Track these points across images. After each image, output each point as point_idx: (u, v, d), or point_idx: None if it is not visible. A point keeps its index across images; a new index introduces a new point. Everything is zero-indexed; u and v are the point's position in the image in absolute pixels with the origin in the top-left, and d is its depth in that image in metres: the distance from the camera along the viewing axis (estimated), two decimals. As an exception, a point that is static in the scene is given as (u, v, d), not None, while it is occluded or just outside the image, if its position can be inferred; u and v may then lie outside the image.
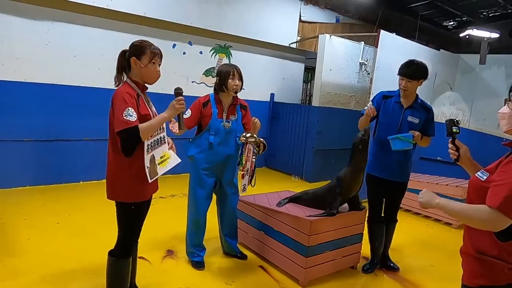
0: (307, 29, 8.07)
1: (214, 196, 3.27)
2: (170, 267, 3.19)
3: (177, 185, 4.53)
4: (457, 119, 1.84)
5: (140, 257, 2.89)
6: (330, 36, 6.56)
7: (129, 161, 2.14)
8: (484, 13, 9.41)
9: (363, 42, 6.99)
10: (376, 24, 8.32)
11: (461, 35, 8.76)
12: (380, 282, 3.32)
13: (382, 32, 5.10)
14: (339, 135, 6.62)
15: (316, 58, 6.72)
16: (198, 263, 3.17)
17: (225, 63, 3.39)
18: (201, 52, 6.47)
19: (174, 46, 6.11)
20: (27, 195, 4.65)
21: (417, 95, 3.22)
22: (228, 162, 3.11)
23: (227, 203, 3.25)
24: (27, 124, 4.88)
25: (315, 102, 6.74)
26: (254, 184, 3.03)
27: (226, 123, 3.04)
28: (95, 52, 5.28)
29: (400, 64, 3.18)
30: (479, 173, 1.54)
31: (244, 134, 2.97)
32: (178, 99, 2.20)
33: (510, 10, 8.82)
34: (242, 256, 3.40)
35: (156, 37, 5.48)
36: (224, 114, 3.05)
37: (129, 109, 2.05)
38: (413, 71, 3.08)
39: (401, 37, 5.59)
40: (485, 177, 1.50)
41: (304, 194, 3.40)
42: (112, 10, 5.21)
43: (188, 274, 3.08)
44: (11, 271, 2.89)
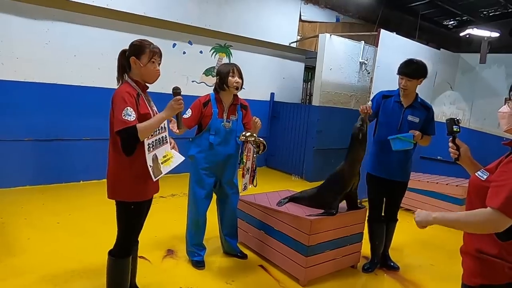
0: (307, 29, 8.06)
1: (214, 196, 3.27)
2: (171, 267, 3.19)
3: (177, 185, 4.54)
4: (458, 118, 1.84)
5: (141, 257, 2.89)
6: (330, 36, 6.55)
7: (130, 161, 2.14)
8: (484, 12, 9.41)
9: (363, 42, 6.98)
10: (376, 24, 8.31)
11: (461, 35, 8.75)
12: (380, 282, 3.32)
13: (382, 32, 5.09)
14: (339, 135, 6.61)
15: (316, 58, 6.71)
16: (198, 263, 3.17)
17: (224, 63, 3.38)
18: (201, 52, 6.47)
19: (174, 46, 6.10)
20: (27, 195, 4.65)
21: (417, 94, 3.21)
22: (228, 162, 3.10)
23: (227, 203, 3.25)
24: (27, 124, 4.88)
25: (315, 102, 6.75)
26: (256, 184, 3.03)
27: (227, 123, 3.04)
28: (95, 52, 5.28)
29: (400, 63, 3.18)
30: (479, 173, 1.54)
31: (244, 133, 2.96)
32: (176, 99, 2.19)
33: (510, 9, 8.81)
34: (242, 256, 3.40)
35: (156, 37, 5.49)
36: (225, 114, 3.04)
37: (128, 109, 2.05)
38: (413, 70, 3.07)
39: (401, 37, 5.58)
40: (485, 177, 1.50)
41: (304, 194, 3.40)
42: (112, 10, 5.22)
43: (188, 274, 3.08)
44: (11, 271, 2.89)
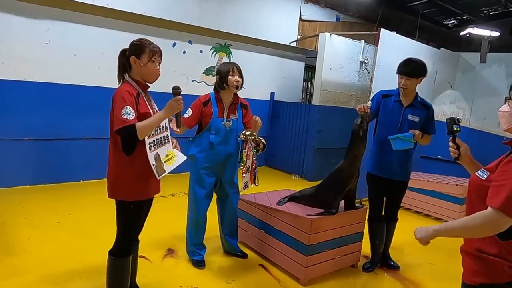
0: (307, 28, 8.05)
1: (214, 195, 3.27)
2: (171, 266, 3.19)
3: (178, 184, 4.53)
4: (458, 118, 1.84)
5: (141, 256, 2.89)
6: (330, 35, 6.55)
7: (130, 160, 2.15)
8: (485, 12, 9.40)
9: (364, 41, 6.98)
10: (377, 23, 8.30)
11: (462, 34, 8.75)
12: (381, 281, 3.32)
13: (383, 31, 5.09)
14: (340, 134, 6.60)
15: (316, 57, 6.71)
16: (199, 262, 3.18)
17: (224, 62, 3.37)
18: (201, 51, 6.46)
19: (174, 45, 6.10)
20: (27, 194, 4.65)
21: (417, 93, 3.21)
22: (229, 161, 3.10)
23: (228, 203, 3.25)
24: (27, 123, 4.88)
25: (315, 101, 6.74)
26: (258, 183, 3.03)
27: (227, 122, 3.03)
28: (95, 51, 5.27)
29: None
30: (480, 172, 1.54)
31: (244, 132, 2.96)
32: (176, 99, 2.18)
33: (511, 9, 8.80)
34: (243, 255, 3.40)
35: (156, 36, 5.49)
36: (225, 113, 3.04)
37: (127, 108, 2.05)
38: (412, 69, 3.07)
39: (402, 36, 5.57)
40: (486, 176, 1.49)
41: (304, 193, 3.39)
42: (112, 9, 5.22)
43: (189, 273, 3.08)
44: (11, 270, 2.89)
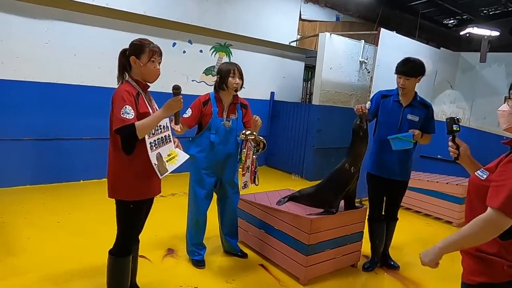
0: (307, 28, 8.05)
1: (215, 195, 3.27)
2: (171, 266, 3.19)
3: (178, 184, 4.53)
4: (458, 117, 1.84)
5: (141, 256, 2.89)
6: (330, 35, 6.55)
7: (130, 159, 2.15)
8: (485, 11, 9.40)
9: (363, 41, 6.98)
10: (376, 23, 8.30)
11: (462, 33, 8.75)
12: (381, 280, 3.32)
13: (382, 31, 5.09)
14: (339, 134, 6.62)
15: (316, 57, 6.72)
16: (199, 262, 3.18)
17: (226, 62, 3.38)
18: (201, 51, 6.46)
19: (174, 45, 6.10)
20: (27, 194, 4.65)
21: (416, 93, 3.21)
22: (229, 161, 3.10)
23: (228, 203, 3.25)
24: (27, 123, 4.88)
25: (315, 101, 6.75)
26: (258, 183, 3.03)
27: (227, 122, 3.03)
28: (95, 51, 5.27)
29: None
30: (479, 172, 1.54)
31: (244, 132, 2.96)
32: (176, 99, 2.17)
33: (511, 8, 8.80)
34: (243, 255, 3.40)
35: (156, 36, 5.48)
36: (225, 113, 3.04)
37: (127, 107, 2.05)
38: (410, 69, 3.06)
39: (401, 36, 5.57)
40: (485, 176, 1.49)
41: (304, 192, 3.39)
42: (112, 9, 5.22)
43: (189, 273, 3.08)
44: (12, 270, 2.89)
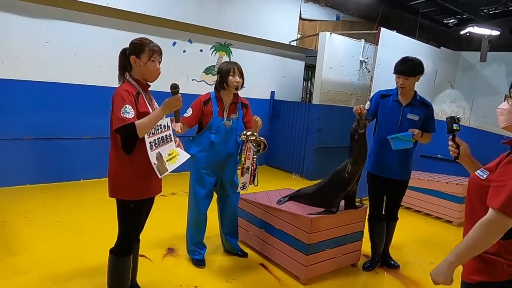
0: (307, 27, 8.05)
1: (215, 195, 3.27)
2: (171, 265, 3.19)
3: (178, 183, 4.53)
4: (458, 116, 1.83)
5: (141, 255, 2.89)
6: (331, 34, 6.55)
7: (130, 159, 2.15)
8: (485, 11, 9.39)
9: (364, 40, 6.98)
10: (377, 22, 8.31)
11: (462, 33, 8.72)
12: (381, 280, 3.32)
13: (383, 30, 5.08)
14: (340, 133, 6.60)
15: (317, 56, 6.71)
16: (199, 261, 3.18)
17: (226, 61, 3.37)
18: (201, 50, 6.46)
19: (174, 44, 6.10)
20: (28, 193, 4.65)
21: (416, 92, 3.20)
22: (229, 161, 3.10)
23: (228, 202, 3.25)
24: (27, 123, 4.88)
25: (316, 100, 6.75)
26: (258, 183, 3.03)
27: (227, 122, 3.03)
28: (95, 50, 5.27)
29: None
30: (479, 171, 1.54)
31: (245, 132, 2.95)
32: (175, 98, 2.17)
33: (511, 7, 8.80)
34: (243, 254, 3.40)
35: (156, 35, 5.47)
36: (225, 113, 3.04)
37: (127, 106, 2.05)
38: (408, 68, 3.06)
39: (402, 35, 5.56)
40: (485, 176, 1.49)
41: (304, 191, 3.39)
42: (112, 8, 5.22)
43: (189, 272, 3.09)
44: (12, 270, 2.89)
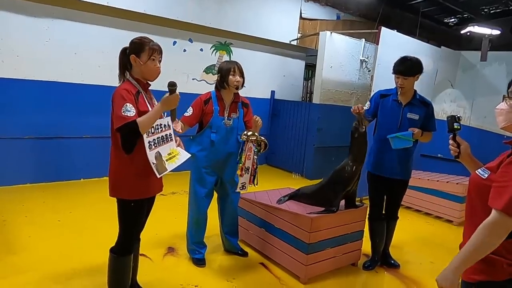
0: (308, 26, 8.04)
1: (215, 194, 3.27)
2: (171, 264, 3.20)
3: (178, 183, 4.53)
4: (458, 116, 1.83)
5: (142, 254, 2.90)
6: (331, 33, 6.54)
7: (131, 158, 2.15)
8: (485, 10, 9.39)
9: (364, 39, 6.97)
10: (377, 21, 8.31)
11: (462, 32, 8.74)
12: (381, 279, 3.32)
13: (383, 29, 5.08)
14: (340, 133, 6.60)
15: (317, 55, 6.71)
16: (199, 260, 3.18)
17: (226, 60, 3.37)
18: (202, 49, 6.46)
19: (175, 44, 6.10)
20: (28, 193, 4.65)
21: (415, 91, 3.20)
22: (229, 160, 3.10)
23: (228, 201, 3.25)
24: (27, 122, 4.88)
25: (316, 100, 6.74)
26: (257, 183, 3.03)
27: (227, 121, 3.03)
28: (96, 50, 5.27)
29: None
30: (480, 171, 1.53)
31: (246, 132, 2.95)
32: (174, 96, 2.16)
33: (511, 7, 8.79)
34: (243, 254, 3.40)
35: (157, 35, 5.45)
36: (226, 112, 3.04)
37: (127, 105, 2.04)
38: (407, 68, 3.05)
39: (402, 34, 5.56)
40: (486, 175, 1.49)
41: (304, 190, 3.38)
42: (112, 8, 5.21)
43: (189, 271, 3.09)
44: (12, 269, 2.89)
